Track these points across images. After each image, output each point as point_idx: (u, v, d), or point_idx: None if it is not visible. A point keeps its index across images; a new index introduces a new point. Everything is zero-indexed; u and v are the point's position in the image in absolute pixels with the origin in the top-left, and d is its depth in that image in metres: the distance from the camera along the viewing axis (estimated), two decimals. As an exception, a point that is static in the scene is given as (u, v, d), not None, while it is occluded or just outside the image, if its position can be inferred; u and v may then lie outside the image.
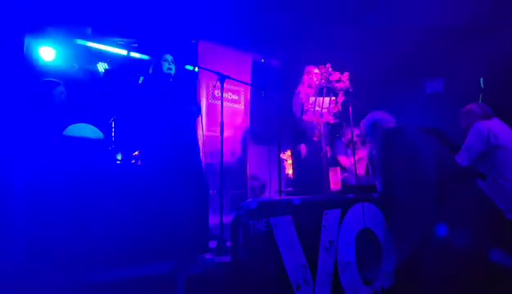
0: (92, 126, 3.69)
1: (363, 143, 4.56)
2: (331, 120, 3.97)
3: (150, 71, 3.42)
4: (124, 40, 5.29)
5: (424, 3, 4.51)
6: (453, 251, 2.21)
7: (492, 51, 4.61)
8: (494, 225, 2.42)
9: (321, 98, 3.86)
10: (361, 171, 4.75)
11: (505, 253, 2.23)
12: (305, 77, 4.05)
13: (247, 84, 4.95)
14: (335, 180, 4.42)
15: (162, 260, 2.07)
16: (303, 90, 4.00)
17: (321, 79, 3.86)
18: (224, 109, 3.01)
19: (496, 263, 2.21)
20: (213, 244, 2.58)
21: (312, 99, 3.83)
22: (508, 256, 2.23)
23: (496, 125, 2.76)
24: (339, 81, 3.88)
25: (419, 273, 2.35)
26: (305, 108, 3.93)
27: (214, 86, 3.34)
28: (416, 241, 2.39)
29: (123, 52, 5.44)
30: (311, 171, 3.91)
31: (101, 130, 3.71)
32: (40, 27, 4.65)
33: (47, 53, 4.54)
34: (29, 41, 4.21)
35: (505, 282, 2.10)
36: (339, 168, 4.62)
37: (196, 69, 5.12)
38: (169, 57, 3.41)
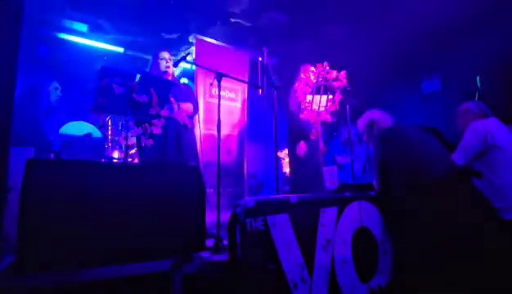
0: (89, 124, 3.69)
1: (360, 142, 4.57)
2: (328, 119, 3.97)
3: (148, 69, 3.41)
4: (121, 37, 5.27)
5: (422, 2, 4.52)
6: (451, 251, 2.22)
7: (489, 50, 4.62)
8: (491, 225, 2.43)
9: (319, 96, 3.86)
10: (358, 169, 4.76)
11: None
12: (302, 75, 4.05)
13: (244, 82, 4.94)
14: (332, 179, 4.43)
15: (159, 258, 2.06)
16: (300, 88, 4.00)
17: (319, 77, 3.86)
18: (221, 107, 3.00)
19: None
20: (210, 243, 2.58)
21: (309, 97, 3.84)
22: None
23: (493, 124, 2.76)
24: (336, 79, 3.88)
25: (416, 271, 2.36)
26: (302, 106, 3.94)
27: (211, 84, 3.33)
28: (414, 240, 2.39)
29: (120, 50, 5.43)
30: (308, 169, 3.91)
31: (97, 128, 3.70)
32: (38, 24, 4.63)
33: (44, 49, 4.53)
34: (25, 37, 4.18)
35: (503, 282, 2.12)
36: (335, 167, 4.63)
37: (194, 67, 5.11)
38: (167, 55, 3.40)
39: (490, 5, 4.41)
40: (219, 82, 2.99)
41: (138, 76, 2.93)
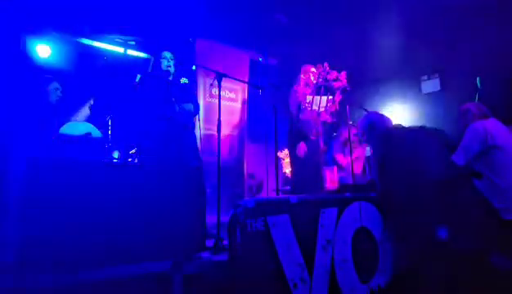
0: (89, 124, 3.69)
1: (360, 142, 4.57)
2: (328, 119, 3.97)
3: (150, 69, 3.40)
4: (122, 37, 5.27)
5: (421, 2, 4.52)
6: (451, 251, 2.22)
7: (489, 51, 4.63)
8: (491, 225, 2.43)
9: (319, 97, 3.86)
10: (358, 170, 4.76)
11: (504, 255, 2.24)
12: (302, 75, 4.05)
13: (244, 82, 4.95)
14: (332, 179, 4.43)
15: (159, 258, 2.06)
16: (300, 89, 4.00)
17: (319, 78, 3.86)
18: (221, 108, 3.00)
19: (494, 264, 2.22)
20: (210, 243, 2.58)
21: (309, 98, 3.83)
22: (506, 257, 2.24)
23: (492, 125, 2.76)
24: (336, 80, 3.88)
25: (416, 271, 2.36)
26: (302, 106, 3.93)
27: (212, 84, 3.33)
28: (414, 240, 2.40)
29: (121, 50, 5.42)
30: (308, 169, 3.91)
31: (97, 128, 3.70)
32: (37, 24, 4.63)
33: (43, 50, 4.53)
34: (25, 38, 4.18)
35: (503, 282, 2.12)
36: (335, 167, 4.63)
37: (194, 68, 5.11)
38: (168, 54, 3.40)
39: (490, 5, 4.41)
40: (219, 82, 2.99)
41: (138, 76, 2.93)
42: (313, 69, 3.94)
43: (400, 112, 5.72)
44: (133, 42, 5.41)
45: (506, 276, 2.12)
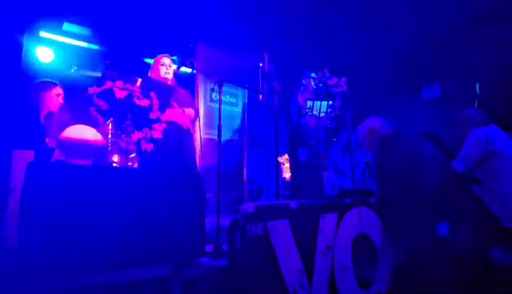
0: (90, 128, 3.69)
1: (360, 147, 4.57)
2: (328, 124, 3.98)
3: (148, 73, 3.42)
4: (123, 41, 5.29)
5: (422, 8, 4.54)
6: (451, 255, 2.21)
7: (489, 57, 4.64)
8: (492, 232, 2.42)
9: (319, 102, 3.87)
10: (358, 175, 4.76)
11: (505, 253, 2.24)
12: (303, 81, 4.07)
13: (245, 87, 4.95)
14: (332, 184, 4.43)
15: (158, 263, 2.05)
16: (300, 94, 4.02)
17: (319, 84, 3.87)
18: (222, 112, 3.01)
19: (496, 264, 2.21)
20: (209, 248, 2.57)
21: (309, 103, 3.84)
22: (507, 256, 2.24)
23: (493, 131, 2.76)
24: (336, 85, 3.89)
25: (416, 277, 2.35)
26: (303, 112, 3.95)
27: (212, 89, 3.33)
28: (413, 246, 2.39)
29: (122, 54, 5.43)
30: (308, 175, 3.91)
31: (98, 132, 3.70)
32: (38, 26, 4.65)
33: (45, 54, 4.53)
34: (27, 41, 4.20)
35: (504, 285, 2.11)
36: (335, 172, 4.64)
37: (194, 72, 5.13)
38: (167, 61, 3.41)
39: (489, 9, 4.43)
40: (220, 87, 2.99)
41: (139, 80, 2.94)
42: (314, 75, 3.96)
43: (400, 117, 5.73)
44: (134, 46, 5.43)
45: (505, 271, 2.11)
